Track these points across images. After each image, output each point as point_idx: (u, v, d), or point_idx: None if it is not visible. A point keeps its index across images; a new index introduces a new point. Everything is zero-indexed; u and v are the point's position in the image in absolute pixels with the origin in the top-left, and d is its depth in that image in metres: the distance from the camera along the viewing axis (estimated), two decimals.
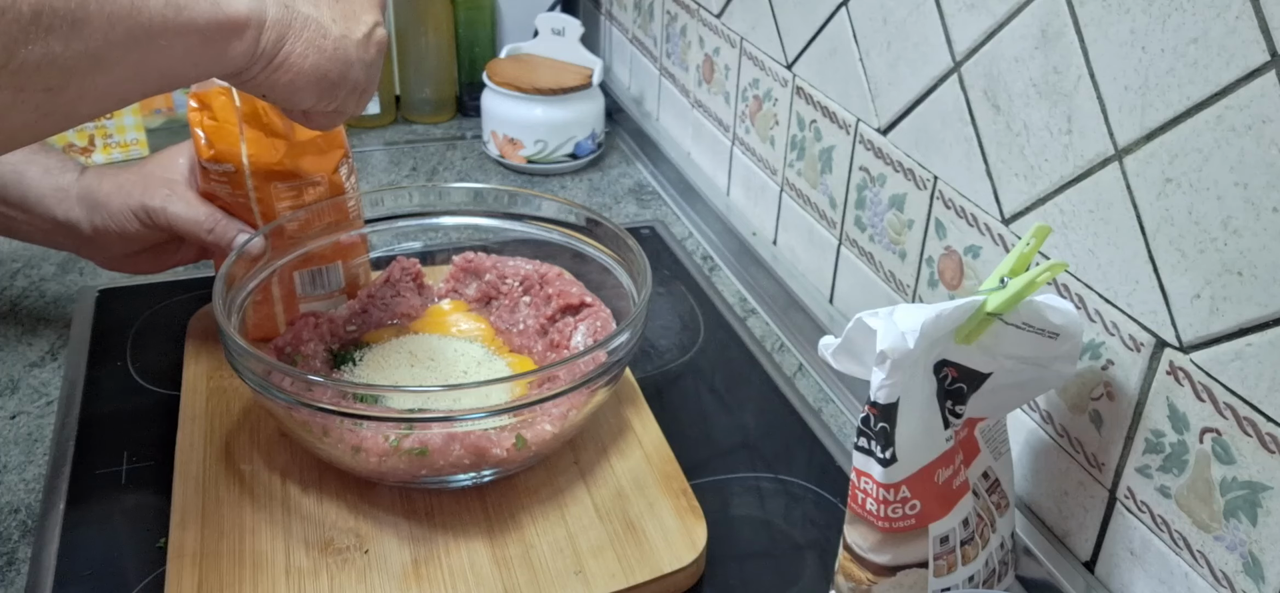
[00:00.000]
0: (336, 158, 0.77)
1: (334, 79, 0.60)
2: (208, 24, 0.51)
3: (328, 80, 0.59)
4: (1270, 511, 0.51)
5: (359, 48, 0.61)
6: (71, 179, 0.75)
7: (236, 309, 0.70)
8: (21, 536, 0.65)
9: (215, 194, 0.75)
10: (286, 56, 0.57)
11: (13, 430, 0.74)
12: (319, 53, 0.58)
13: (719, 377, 0.85)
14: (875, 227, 0.83)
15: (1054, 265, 0.55)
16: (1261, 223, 0.49)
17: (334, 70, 0.59)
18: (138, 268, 0.80)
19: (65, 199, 0.75)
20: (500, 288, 0.80)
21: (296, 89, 0.58)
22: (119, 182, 0.74)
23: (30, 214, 0.75)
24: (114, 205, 0.74)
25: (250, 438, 0.70)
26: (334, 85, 0.60)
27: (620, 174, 1.23)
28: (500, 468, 0.65)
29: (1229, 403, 0.53)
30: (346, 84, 0.61)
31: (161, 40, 0.48)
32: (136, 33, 0.46)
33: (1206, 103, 0.51)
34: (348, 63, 0.60)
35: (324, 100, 0.61)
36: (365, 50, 0.62)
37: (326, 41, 0.58)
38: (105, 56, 0.45)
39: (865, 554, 0.55)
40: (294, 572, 0.60)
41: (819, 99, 0.89)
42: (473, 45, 1.32)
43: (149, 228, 0.74)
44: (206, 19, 0.51)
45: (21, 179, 0.75)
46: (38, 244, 0.80)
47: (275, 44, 0.56)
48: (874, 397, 0.51)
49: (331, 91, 0.60)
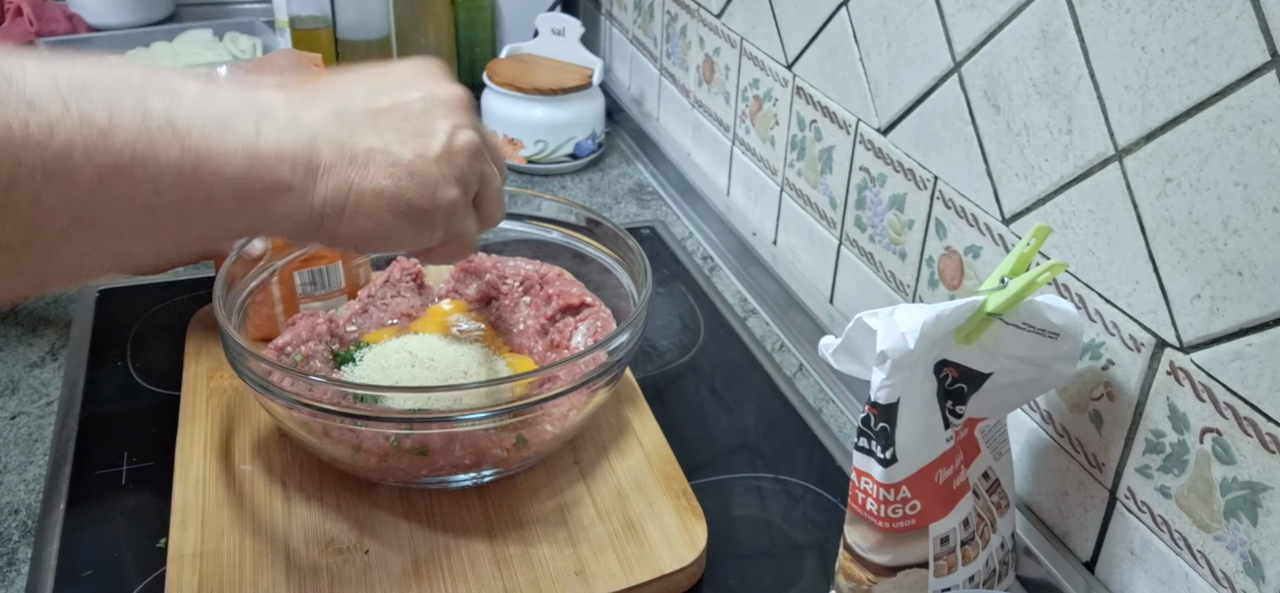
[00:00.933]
0: None
1: (423, 206, 0.50)
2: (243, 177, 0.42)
3: (416, 209, 0.50)
4: (1270, 511, 0.51)
5: (441, 163, 0.51)
6: None
7: (236, 309, 0.70)
8: (22, 536, 0.65)
9: None
10: (358, 201, 0.48)
11: (13, 431, 0.74)
12: (393, 182, 0.49)
13: (719, 377, 0.85)
14: (875, 227, 0.83)
15: (1054, 265, 0.55)
16: (1261, 223, 0.49)
17: (419, 197, 0.50)
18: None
19: None
20: (500, 288, 0.80)
21: (385, 231, 0.49)
22: None
23: None
24: None
25: (250, 438, 0.70)
26: (426, 212, 0.50)
27: (620, 174, 1.23)
28: (500, 468, 0.65)
29: (1229, 403, 0.53)
30: (441, 206, 0.51)
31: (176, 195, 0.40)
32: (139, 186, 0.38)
33: (1206, 103, 0.51)
34: (432, 183, 0.50)
35: (423, 232, 0.51)
36: (449, 163, 0.51)
37: (399, 169, 0.49)
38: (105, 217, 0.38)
39: (865, 554, 0.55)
40: (294, 572, 0.60)
41: (819, 99, 0.90)
42: (473, 45, 1.32)
43: None
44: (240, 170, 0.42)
45: None
46: None
47: (337, 190, 0.47)
48: (874, 397, 0.51)
49: (426, 220, 0.51)
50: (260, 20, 1.34)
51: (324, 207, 0.47)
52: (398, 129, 0.50)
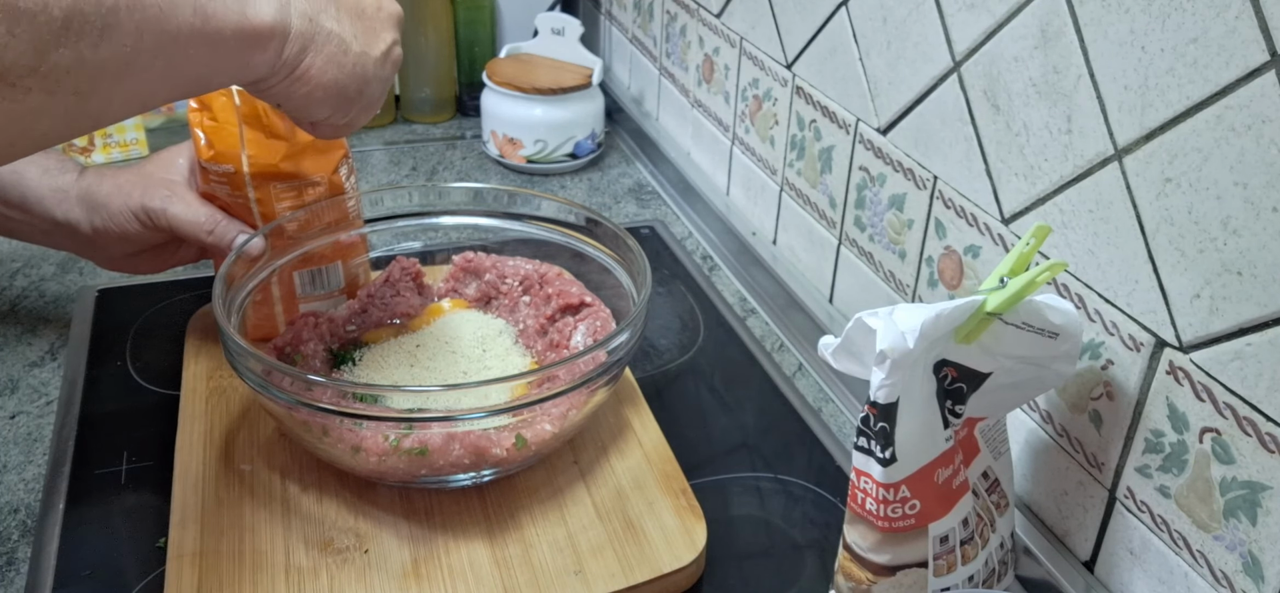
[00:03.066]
0: (336, 158, 0.77)
1: (350, 94, 0.60)
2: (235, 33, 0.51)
3: (345, 95, 0.60)
4: (1270, 510, 0.51)
5: (377, 65, 0.62)
6: (71, 180, 0.75)
7: (236, 309, 0.70)
8: (21, 535, 0.65)
9: (215, 195, 0.75)
10: (307, 69, 0.57)
11: (12, 431, 0.74)
12: (339, 68, 0.58)
13: (718, 377, 0.85)
14: (875, 226, 0.83)
15: (1054, 265, 0.55)
16: (1261, 223, 0.49)
17: (351, 86, 0.60)
18: (137, 268, 0.80)
19: (65, 200, 0.75)
20: (500, 288, 0.80)
21: (314, 101, 0.59)
22: (118, 182, 0.74)
23: (30, 215, 0.75)
24: (114, 206, 0.74)
25: (250, 438, 0.70)
26: (349, 101, 0.61)
27: (620, 174, 1.23)
28: (500, 468, 0.65)
29: (1229, 403, 0.53)
30: (362, 100, 0.62)
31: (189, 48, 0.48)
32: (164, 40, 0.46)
33: (1206, 103, 0.51)
34: (366, 79, 0.61)
35: (337, 113, 0.61)
36: (382, 68, 0.63)
37: (347, 58, 0.59)
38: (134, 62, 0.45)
39: (865, 554, 0.55)
40: (294, 572, 0.60)
41: (819, 99, 0.90)
42: (472, 45, 1.32)
43: (149, 229, 0.74)
44: (234, 28, 0.51)
45: (21, 180, 0.75)
46: (37, 244, 0.80)
47: (297, 56, 0.56)
48: (874, 397, 0.51)
49: (346, 106, 0.61)
50: None
51: (282, 67, 0.56)
52: (354, 22, 0.60)
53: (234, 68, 0.54)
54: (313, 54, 0.57)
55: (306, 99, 0.59)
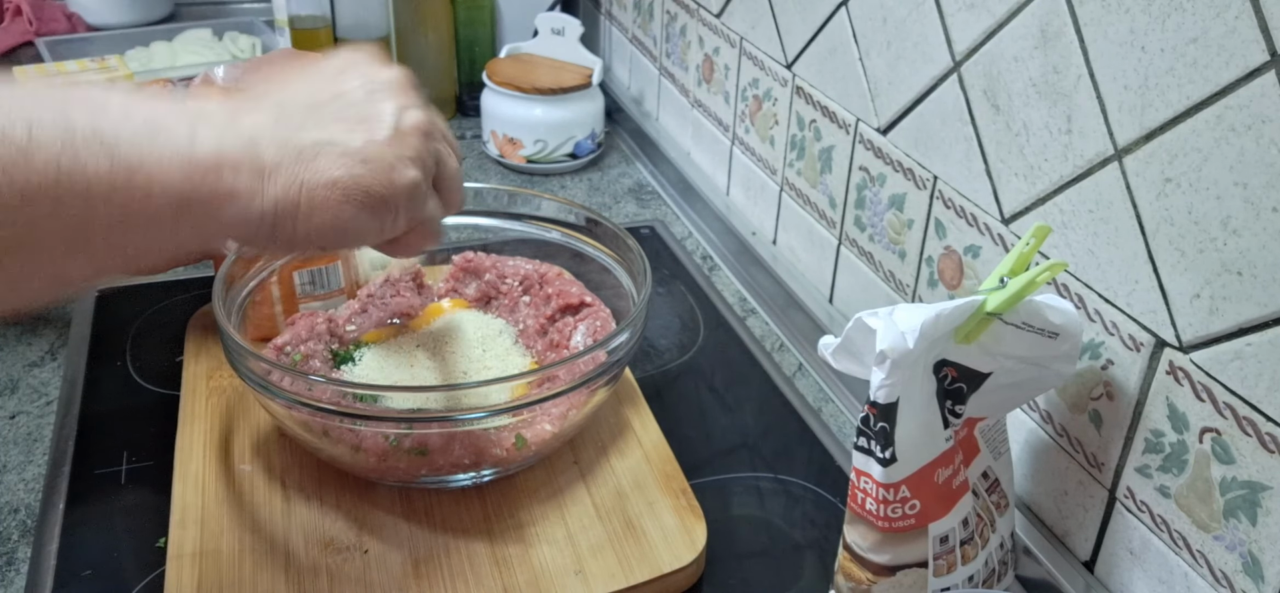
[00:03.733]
0: None
1: (382, 192, 0.47)
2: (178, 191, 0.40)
3: (375, 196, 0.47)
4: (1270, 510, 0.51)
5: (393, 144, 0.48)
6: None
7: (236, 309, 0.70)
8: (21, 535, 0.65)
9: None
10: (311, 196, 0.45)
11: (12, 430, 0.74)
12: (347, 171, 0.46)
13: (719, 377, 0.85)
14: (875, 226, 0.83)
15: (1054, 265, 0.55)
16: (1261, 223, 0.49)
17: (376, 183, 0.47)
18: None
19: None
20: (500, 288, 0.80)
21: (345, 224, 0.47)
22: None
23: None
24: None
25: (250, 438, 0.70)
26: (385, 199, 0.48)
27: (620, 174, 1.23)
28: (500, 468, 0.65)
29: (1229, 403, 0.53)
30: (400, 190, 0.48)
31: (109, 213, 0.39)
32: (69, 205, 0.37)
33: (1206, 103, 0.51)
34: (387, 166, 0.48)
35: (385, 220, 0.49)
36: (401, 144, 0.49)
37: (350, 157, 0.47)
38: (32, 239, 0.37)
39: (865, 554, 0.55)
40: (293, 571, 0.60)
41: (819, 99, 0.90)
42: (472, 45, 1.32)
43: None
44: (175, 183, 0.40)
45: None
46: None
47: (288, 189, 0.45)
48: (874, 397, 0.51)
49: (387, 206, 0.48)
50: (260, 20, 1.34)
51: (276, 208, 0.45)
52: (342, 118, 0.48)
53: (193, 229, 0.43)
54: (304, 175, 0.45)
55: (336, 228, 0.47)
